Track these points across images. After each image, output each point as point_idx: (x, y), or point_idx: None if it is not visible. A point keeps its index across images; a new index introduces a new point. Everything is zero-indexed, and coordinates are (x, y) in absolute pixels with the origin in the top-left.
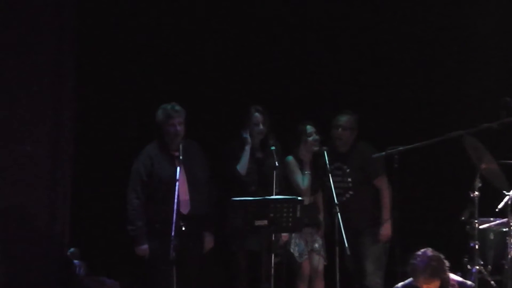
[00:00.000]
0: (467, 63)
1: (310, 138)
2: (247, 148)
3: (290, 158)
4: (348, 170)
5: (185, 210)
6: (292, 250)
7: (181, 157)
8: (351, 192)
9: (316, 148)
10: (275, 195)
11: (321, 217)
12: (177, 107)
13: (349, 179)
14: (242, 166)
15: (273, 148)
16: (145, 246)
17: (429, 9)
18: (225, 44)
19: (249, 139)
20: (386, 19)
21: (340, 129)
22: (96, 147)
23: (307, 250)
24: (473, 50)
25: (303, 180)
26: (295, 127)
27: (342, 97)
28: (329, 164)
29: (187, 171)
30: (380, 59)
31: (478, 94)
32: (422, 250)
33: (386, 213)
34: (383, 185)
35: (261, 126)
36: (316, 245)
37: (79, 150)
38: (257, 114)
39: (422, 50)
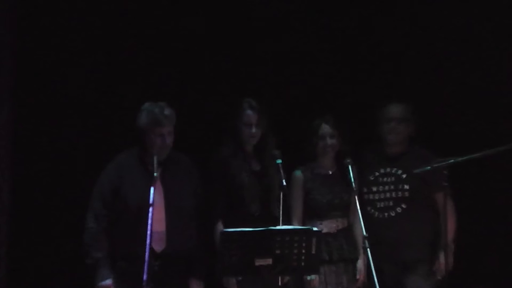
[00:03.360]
0: None
1: (322, 142)
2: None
3: (298, 173)
4: (404, 176)
5: (158, 246)
6: None
7: (155, 174)
8: (404, 206)
9: (331, 155)
10: (282, 223)
11: (357, 248)
12: (167, 111)
13: (406, 187)
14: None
15: (279, 161)
16: (108, 282)
17: (493, 8)
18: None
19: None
20: (446, 18)
21: (393, 123)
22: (43, 166)
23: None
24: None
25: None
26: (309, 124)
27: (377, 95)
28: (374, 171)
29: (167, 194)
30: (429, 54)
31: None
32: None
33: (448, 236)
34: (446, 203)
35: (253, 129)
36: None
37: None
38: (250, 111)
39: (484, 47)
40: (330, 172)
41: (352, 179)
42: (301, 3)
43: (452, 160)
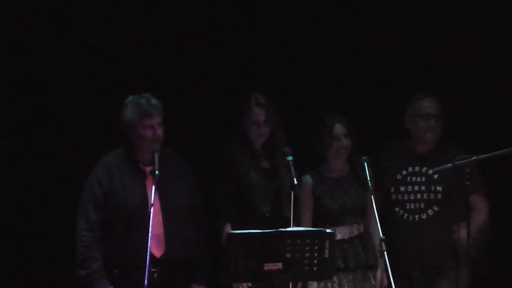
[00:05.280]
0: None
1: (336, 144)
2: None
3: (307, 178)
4: (436, 176)
5: (157, 250)
6: None
7: (157, 172)
8: (436, 208)
9: (344, 157)
10: (293, 224)
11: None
12: (154, 101)
13: (439, 188)
14: None
15: (289, 158)
16: None
17: None
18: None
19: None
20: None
21: (432, 120)
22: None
23: None
24: None
25: None
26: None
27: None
28: (401, 170)
29: (163, 194)
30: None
31: None
32: None
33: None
34: (478, 205)
35: (261, 127)
36: None
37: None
38: (257, 108)
39: None
40: (342, 175)
41: (368, 178)
42: None
43: (474, 157)
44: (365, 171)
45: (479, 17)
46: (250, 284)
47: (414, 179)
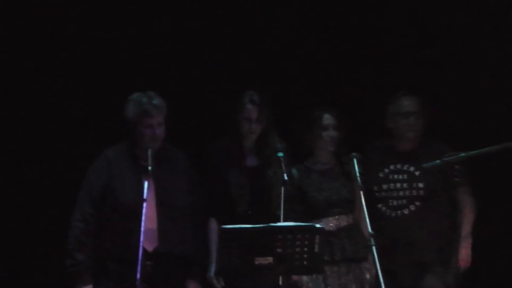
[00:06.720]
0: None
1: (325, 133)
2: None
3: (293, 172)
4: (417, 173)
5: (150, 245)
6: None
7: (149, 168)
8: (418, 204)
9: (331, 149)
10: (283, 219)
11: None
12: (156, 100)
13: (420, 185)
14: None
15: (280, 154)
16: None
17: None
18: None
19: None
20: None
21: (411, 118)
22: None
23: None
24: None
25: None
26: (308, 115)
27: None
28: (383, 168)
29: (159, 190)
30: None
31: None
32: None
33: (466, 228)
34: (465, 198)
35: (253, 124)
36: None
37: None
38: (250, 106)
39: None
40: (328, 167)
41: (358, 174)
42: None
43: (463, 154)
44: (355, 167)
45: (476, 16)
46: (223, 283)
47: (396, 176)
